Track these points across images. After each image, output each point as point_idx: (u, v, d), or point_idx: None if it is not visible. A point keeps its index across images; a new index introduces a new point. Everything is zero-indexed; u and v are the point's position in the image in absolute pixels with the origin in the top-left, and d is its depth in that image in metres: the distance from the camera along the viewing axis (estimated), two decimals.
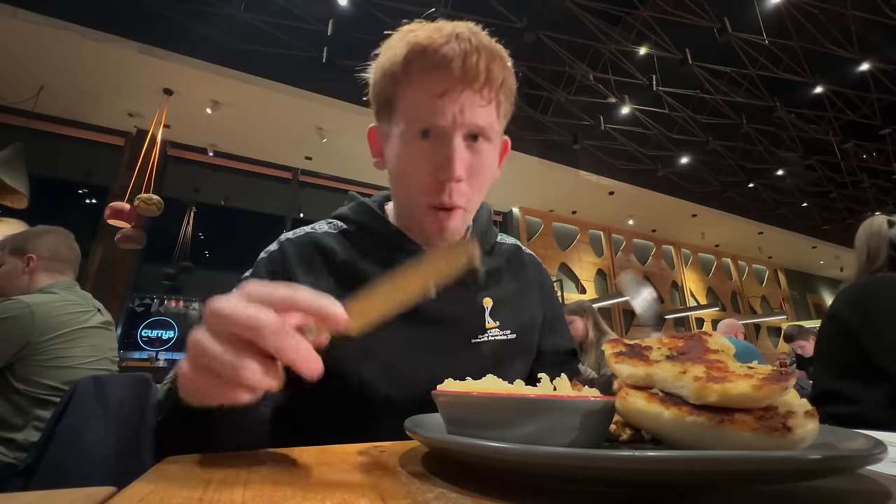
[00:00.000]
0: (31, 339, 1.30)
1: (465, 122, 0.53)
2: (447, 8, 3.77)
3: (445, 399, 0.33)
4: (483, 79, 0.52)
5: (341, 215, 0.67)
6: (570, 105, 5.11)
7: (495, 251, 0.71)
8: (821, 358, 1.13)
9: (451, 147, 0.53)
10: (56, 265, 1.49)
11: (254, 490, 0.25)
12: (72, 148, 4.29)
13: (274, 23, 3.76)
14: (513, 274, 0.70)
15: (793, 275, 9.77)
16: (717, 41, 4.41)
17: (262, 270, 0.60)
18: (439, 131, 0.53)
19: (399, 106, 0.55)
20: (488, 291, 0.64)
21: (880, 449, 0.21)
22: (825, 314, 1.14)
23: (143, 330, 4.65)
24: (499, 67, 0.54)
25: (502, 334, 0.62)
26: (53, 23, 3.11)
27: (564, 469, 0.23)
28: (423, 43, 0.51)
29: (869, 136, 6.26)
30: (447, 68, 0.51)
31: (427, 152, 0.54)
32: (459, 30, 0.52)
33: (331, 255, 0.61)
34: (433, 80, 0.52)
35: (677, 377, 0.27)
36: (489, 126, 0.55)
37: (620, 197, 6.17)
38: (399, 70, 0.53)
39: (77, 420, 1.23)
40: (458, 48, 0.50)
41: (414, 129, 0.54)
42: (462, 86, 0.52)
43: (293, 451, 0.37)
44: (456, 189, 0.54)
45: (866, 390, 0.98)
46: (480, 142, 0.56)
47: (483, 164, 0.57)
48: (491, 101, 0.55)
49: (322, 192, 5.32)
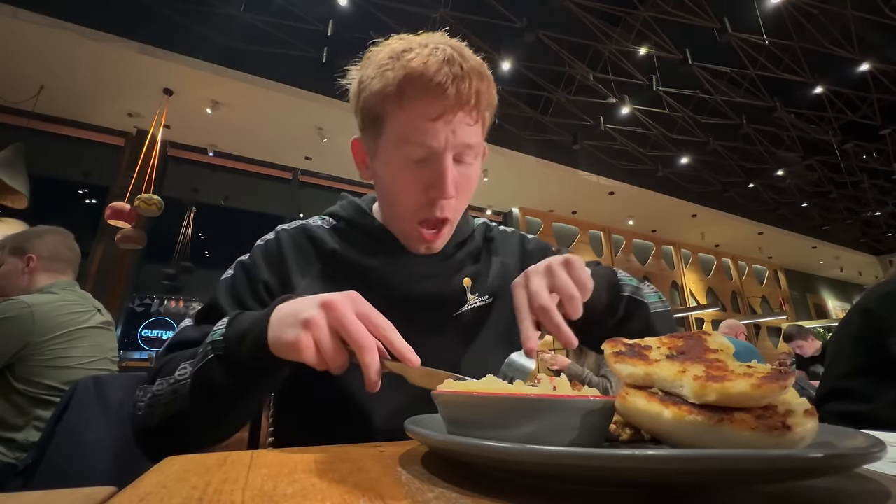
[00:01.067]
0: (30, 340, 1.30)
1: (456, 142, 0.56)
2: (447, 8, 3.77)
3: (445, 399, 0.33)
4: (473, 102, 0.56)
5: (333, 212, 0.72)
6: (569, 105, 5.12)
7: (473, 235, 0.74)
8: (838, 354, 1.11)
9: (443, 167, 0.56)
10: (56, 265, 1.49)
11: (254, 490, 0.25)
12: (72, 148, 4.29)
13: (274, 23, 3.76)
14: (485, 248, 0.75)
15: (793, 275, 9.77)
16: (717, 41, 4.41)
17: (258, 256, 0.64)
18: (432, 153, 0.56)
19: (390, 126, 0.58)
20: (466, 271, 0.68)
21: (879, 448, 0.21)
22: (851, 310, 1.12)
23: (143, 330, 4.65)
24: (485, 88, 0.57)
25: (480, 300, 0.67)
26: (53, 23, 3.11)
27: (564, 469, 0.23)
28: (418, 70, 0.53)
29: (869, 137, 6.26)
30: (442, 94, 0.53)
31: (418, 172, 0.57)
32: (448, 54, 0.54)
33: (320, 245, 0.66)
34: (427, 105, 0.54)
35: (677, 376, 0.27)
36: (477, 144, 0.59)
37: (620, 197, 6.17)
38: (392, 93, 0.55)
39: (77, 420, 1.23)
40: (450, 73, 0.53)
41: (406, 152, 0.57)
42: (455, 109, 0.55)
43: (293, 451, 0.37)
44: (447, 205, 0.59)
45: (882, 389, 0.98)
46: (468, 160, 0.59)
47: (470, 180, 0.61)
48: (478, 121, 0.59)
49: (322, 192, 5.32)
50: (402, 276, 0.64)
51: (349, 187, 4.91)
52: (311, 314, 0.40)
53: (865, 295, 1.11)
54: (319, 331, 0.40)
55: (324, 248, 0.65)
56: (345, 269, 0.64)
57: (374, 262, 0.64)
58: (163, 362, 0.52)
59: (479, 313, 0.66)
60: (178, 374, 0.47)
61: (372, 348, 0.40)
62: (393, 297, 0.60)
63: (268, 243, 0.66)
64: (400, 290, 0.63)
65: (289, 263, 0.63)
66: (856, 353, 1.06)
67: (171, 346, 0.56)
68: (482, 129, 0.61)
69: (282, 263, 0.63)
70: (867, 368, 1.02)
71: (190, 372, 0.46)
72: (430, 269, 0.66)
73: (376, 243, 0.66)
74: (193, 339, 0.55)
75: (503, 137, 4.93)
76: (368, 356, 0.39)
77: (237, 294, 0.60)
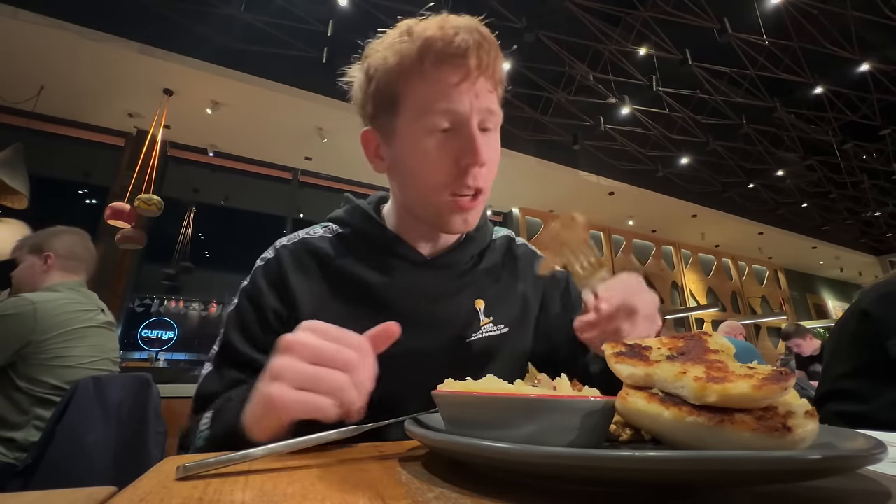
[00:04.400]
0: (33, 337, 1.31)
1: (480, 107, 0.54)
2: (447, 8, 3.75)
3: (445, 399, 0.33)
4: (493, 68, 0.55)
5: (336, 218, 0.67)
6: (569, 105, 5.11)
7: (491, 247, 0.71)
8: (835, 355, 1.12)
9: (471, 132, 0.54)
10: (71, 263, 1.54)
11: (254, 490, 0.25)
12: (72, 148, 4.29)
13: (274, 23, 3.76)
14: (506, 268, 0.71)
15: (793, 275, 9.77)
16: (717, 41, 4.40)
17: (259, 279, 0.61)
18: (458, 119, 0.54)
19: (408, 101, 0.55)
20: (481, 292, 0.65)
21: (880, 449, 0.21)
22: (847, 311, 1.12)
23: (143, 330, 4.65)
24: (500, 59, 0.56)
25: (496, 329, 0.63)
26: (53, 23, 3.10)
27: (564, 469, 0.23)
28: (436, 36, 0.52)
29: (869, 137, 6.26)
30: (464, 59, 0.52)
31: (446, 142, 0.55)
32: (464, 22, 0.54)
33: (325, 261, 0.62)
34: (449, 71, 0.53)
35: (677, 377, 0.27)
36: (497, 112, 0.58)
37: (620, 197, 6.16)
38: (411, 65, 0.54)
39: (77, 420, 1.23)
40: (469, 39, 0.52)
41: (431, 122, 0.54)
42: (477, 73, 0.53)
43: (293, 451, 0.37)
44: (479, 173, 0.56)
45: (880, 389, 0.98)
46: (490, 127, 0.58)
47: (494, 150, 0.59)
48: (495, 89, 0.58)
49: (322, 192, 5.31)
50: (416, 294, 0.61)
51: (349, 187, 4.91)
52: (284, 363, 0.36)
53: (862, 296, 1.11)
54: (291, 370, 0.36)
55: (329, 263, 0.61)
56: (353, 288, 0.60)
57: (385, 279, 0.61)
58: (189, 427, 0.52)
59: (494, 343, 0.63)
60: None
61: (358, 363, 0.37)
62: (405, 317, 0.58)
63: (267, 263, 0.62)
64: (413, 310, 0.59)
65: (292, 285, 0.59)
66: (853, 354, 1.06)
67: (197, 400, 0.55)
68: (498, 100, 0.59)
69: (285, 285, 0.59)
70: (865, 369, 1.02)
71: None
72: (445, 287, 0.63)
73: (387, 256, 0.62)
74: (217, 392, 0.54)
75: (503, 137, 4.86)
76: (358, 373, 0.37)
77: (245, 327, 0.58)
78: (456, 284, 0.64)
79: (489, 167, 0.58)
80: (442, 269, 0.64)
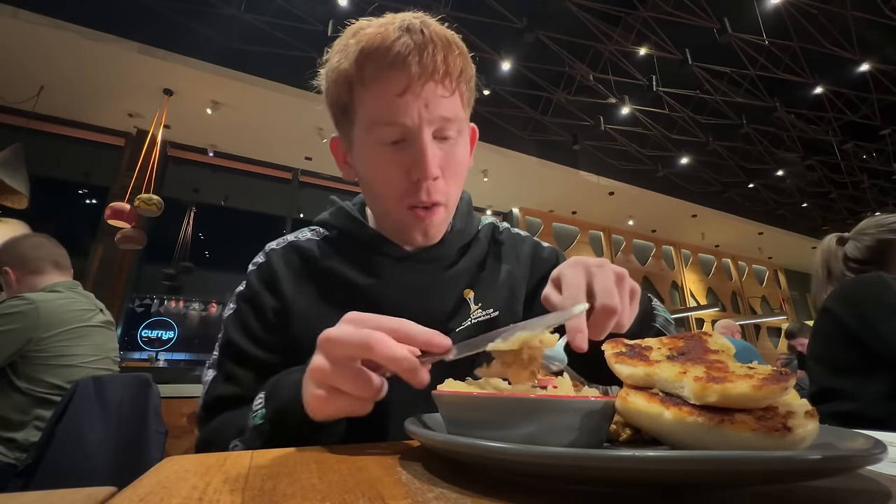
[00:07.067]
0: (34, 336, 1.31)
1: (431, 116, 0.50)
2: (447, 8, 3.76)
3: (445, 399, 0.33)
4: (442, 71, 0.50)
5: (323, 221, 0.67)
6: (569, 105, 5.11)
7: (477, 237, 0.70)
8: (817, 356, 1.15)
9: (421, 145, 0.51)
10: (33, 265, 1.48)
11: (254, 490, 0.25)
12: (72, 148, 4.29)
13: (274, 23, 3.76)
14: (491, 254, 0.69)
15: (793, 275, 9.76)
16: (717, 41, 4.41)
17: (254, 282, 0.61)
18: (406, 132, 0.51)
19: (358, 112, 0.53)
20: (470, 282, 0.64)
21: (880, 449, 0.21)
22: (819, 313, 1.18)
23: (143, 330, 4.65)
24: (455, 57, 0.51)
25: (485, 314, 0.62)
26: (53, 23, 3.10)
27: (564, 469, 0.23)
28: (374, 42, 0.49)
29: (869, 137, 6.26)
30: (403, 64, 0.48)
31: (397, 155, 0.52)
32: (409, 21, 0.50)
33: (313, 262, 0.62)
34: (391, 80, 0.49)
35: (677, 377, 0.27)
36: (456, 117, 0.53)
37: (620, 197, 6.16)
38: (353, 74, 0.51)
39: (77, 420, 1.23)
40: (411, 42, 0.48)
41: (379, 135, 0.52)
42: (422, 80, 0.49)
43: (293, 451, 0.37)
44: (433, 187, 0.53)
45: (865, 385, 1.00)
46: (450, 135, 0.54)
47: (456, 158, 0.55)
48: (454, 92, 0.53)
49: (322, 192, 5.31)
50: (402, 289, 0.60)
51: (350, 187, 4.90)
52: (318, 364, 0.37)
53: (827, 299, 1.17)
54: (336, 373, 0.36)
55: (316, 265, 0.61)
56: (342, 288, 0.60)
57: (372, 278, 0.60)
58: (210, 434, 0.50)
59: (483, 328, 0.61)
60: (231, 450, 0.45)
61: (378, 339, 0.35)
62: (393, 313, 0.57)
63: (260, 266, 0.62)
64: (401, 306, 0.58)
65: (283, 285, 0.60)
66: (834, 354, 1.10)
67: (207, 407, 0.54)
68: (462, 103, 0.55)
69: (277, 286, 0.60)
70: (847, 367, 1.06)
71: (242, 448, 0.44)
72: (432, 280, 0.62)
73: (373, 254, 0.62)
74: (228, 395, 0.53)
75: (503, 137, 4.93)
76: (383, 348, 0.34)
77: (247, 327, 0.58)
78: (443, 277, 0.63)
79: (449, 178, 0.55)
80: (428, 264, 0.62)
